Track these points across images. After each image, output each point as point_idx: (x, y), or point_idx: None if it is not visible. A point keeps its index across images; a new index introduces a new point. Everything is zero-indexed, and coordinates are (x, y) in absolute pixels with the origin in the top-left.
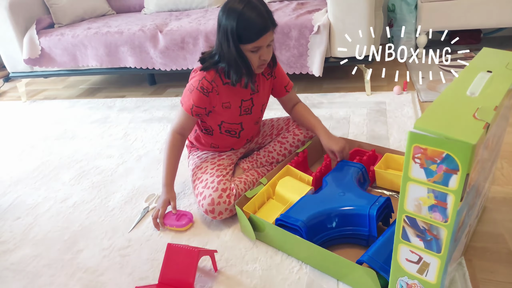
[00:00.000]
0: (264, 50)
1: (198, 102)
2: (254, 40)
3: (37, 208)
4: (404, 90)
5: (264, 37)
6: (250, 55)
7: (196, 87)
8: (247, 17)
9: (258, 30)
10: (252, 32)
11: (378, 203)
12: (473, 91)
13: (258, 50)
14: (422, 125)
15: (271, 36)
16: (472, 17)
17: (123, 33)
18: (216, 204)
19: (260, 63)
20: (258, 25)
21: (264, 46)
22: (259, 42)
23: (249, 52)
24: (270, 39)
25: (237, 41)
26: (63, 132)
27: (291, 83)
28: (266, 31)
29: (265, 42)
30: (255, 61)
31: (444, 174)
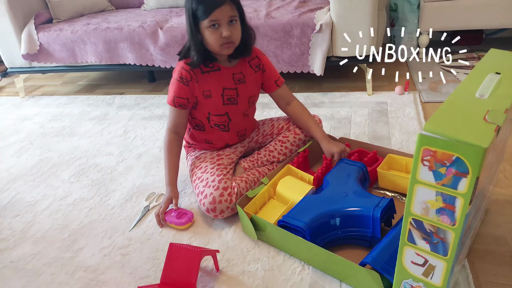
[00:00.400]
0: (225, 26)
1: (178, 92)
2: (209, 14)
3: (36, 206)
4: (406, 90)
5: (219, 10)
6: (209, 33)
7: (176, 78)
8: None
9: (211, 2)
10: (205, 5)
11: (382, 205)
12: (483, 93)
13: (217, 27)
14: (432, 128)
15: (230, 11)
16: (474, 17)
17: (123, 29)
18: (217, 203)
19: (222, 42)
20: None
21: (223, 23)
22: (214, 15)
23: (208, 30)
24: (229, 14)
25: (193, 19)
26: (62, 128)
27: (282, 79)
28: (220, 4)
29: (221, 16)
30: (215, 40)
31: (454, 177)
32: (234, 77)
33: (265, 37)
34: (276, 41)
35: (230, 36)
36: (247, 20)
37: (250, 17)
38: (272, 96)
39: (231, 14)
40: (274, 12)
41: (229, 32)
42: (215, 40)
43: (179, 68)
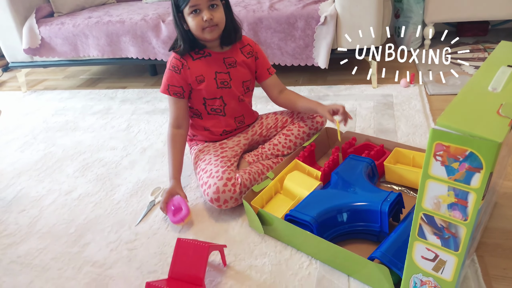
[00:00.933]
0: (205, 11)
1: (171, 80)
2: (188, 1)
3: (41, 201)
4: (411, 82)
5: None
6: (191, 18)
7: (168, 68)
8: None
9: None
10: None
11: (390, 199)
12: (495, 87)
13: (198, 12)
14: (445, 122)
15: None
16: (480, 8)
17: (125, 22)
18: (221, 192)
19: (204, 26)
20: None
21: (203, 7)
22: (193, 1)
23: (190, 16)
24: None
25: (176, 8)
26: (65, 123)
27: (273, 69)
28: None
29: (201, 1)
30: (197, 24)
31: (467, 172)
32: (225, 61)
33: (269, 29)
34: (279, 33)
35: (211, 19)
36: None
37: (254, 9)
38: (265, 85)
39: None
40: (277, 4)
41: (209, 15)
42: (197, 24)
43: (170, 58)
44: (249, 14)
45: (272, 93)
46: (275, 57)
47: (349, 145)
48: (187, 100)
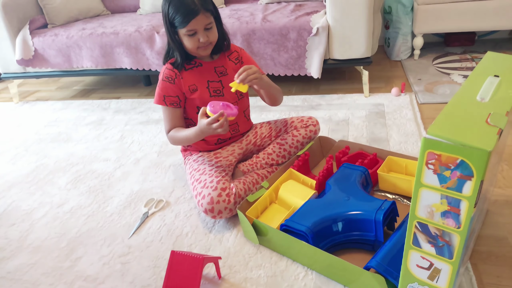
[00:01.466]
0: (201, 33)
1: (166, 91)
2: (185, 25)
3: (32, 214)
4: (402, 92)
5: (194, 21)
6: (187, 39)
7: (162, 79)
8: (175, 3)
9: (187, 15)
10: (181, 17)
11: (384, 208)
12: (483, 96)
13: (194, 34)
14: (436, 131)
15: (205, 19)
16: (467, 20)
17: (119, 34)
18: (215, 203)
19: (199, 46)
20: (186, 10)
21: (199, 30)
22: (191, 25)
23: (185, 36)
24: (205, 22)
25: (171, 26)
26: (58, 134)
27: (262, 70)
28: (195, 14)
29: (198, 26)
30: (193, 44)
31: (458, 180)
32: (216, 70)
33: (262, 40)
34: (272, 44)
35: (206, 41)
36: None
37: (247, 20)
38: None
39: (206, 22)
40: (270, 16)
41: (206, 38)
42: (193, 45)
43: (163, 69)
44: (243, 25)
45: (261, 95)
46: (268, 67)
47: (343, 154)
48: (183, 109)
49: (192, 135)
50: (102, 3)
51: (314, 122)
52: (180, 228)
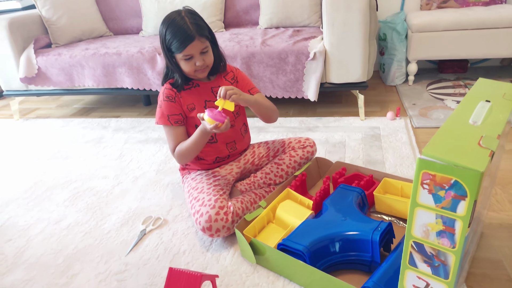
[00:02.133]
0: (198, 57)
1: (170, 110)
2: (182, 50)
3: (29, 230)
4: (397, 116)
5: (190, 47)
6: (184, 63)
7: (163, 99)
8: (172, 29)
9: (183, 41)
10: (178, 43)
11: (381, 229)
12: (475, 120)
13: (191, 58)
14: (430, 152)
15: (200, 45)
16: (459, 48)
17: (122, 54)
18: (213, 221)
19: (196, 69)
20: (182, 37)
21: (195, 54)
22: (187, 51)
23: (182, 60)
24: (200, 47)
25: (169, 51)
26: (57, 151)
27: (257, 89)
28: (191, 40)
29: (194, 51)
30: (190, 68)
31: (453, 200)
32: (213, 90)
33: (261, 63)
34: (271, 68)
35: (203, 64)
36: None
37: (247, 44)
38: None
39: (202, 47)
40: (269, 40)
41: (202, 62)
42: (190, 68)
43: (163, 89)
44: (243, 49)
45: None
46: (267, 89)
47: (340, 175)
48: (185, 127)
49: (198, 136)
50: (105, 25)
51: (311, 143)
52: (178, 246)
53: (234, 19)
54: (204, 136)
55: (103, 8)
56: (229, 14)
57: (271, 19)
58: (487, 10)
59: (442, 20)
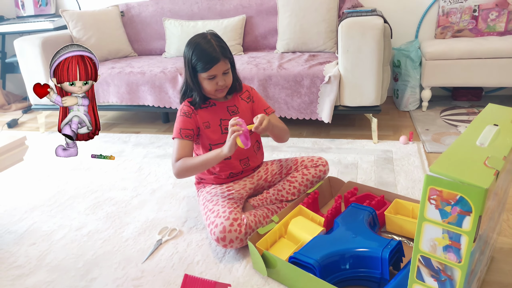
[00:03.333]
0: (220, 77)
1: (184, 124)
2: (207, 70)
3: (52, 235)
4: (410, 140)
5: (215, 67)
6: (207, 82)
7: (180, 115)
8: (199, 51)
9: (208, 61)
10: (203, 63)
11: (391, 246)
12: (482, 142)
13: (214, 78)
14: (438, 169)
15: (224, 66)
16: (473, 76)
17: (145, 73)
18: (227, 232)
19: (217, 88)
20: (208, 58)
21: (219, 75)
22: (212, 71)
23: (205, 80)
24: (224, 68)
25: (193, 70)
26: (79, 163)
27: (272, 109)
28: (216, 62)
29: (218, 71)
30: (212, 87)
31: (458, 216)
32: (229, 109)
33: (277, 85)
34: (287, 90)
35: (224, 85)
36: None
37: (264, 67)
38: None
39: (225, 68)
40: (286, 64)
41: (223, 82)
42: (211, 87)
43: (181, 106)
44: (260, 71)
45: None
46: (282, 110)
47: (351, 194)
48: (193, 143)
49: (212, 157)
50: (131, 46)
51: (324, 163)
52: (192, 256)
53: (253, 43)
54: (218, 159)
55: (130, 30)
56: (248, 39)
57: (288, 44)
58: (501, 40)
59: (456, 48)
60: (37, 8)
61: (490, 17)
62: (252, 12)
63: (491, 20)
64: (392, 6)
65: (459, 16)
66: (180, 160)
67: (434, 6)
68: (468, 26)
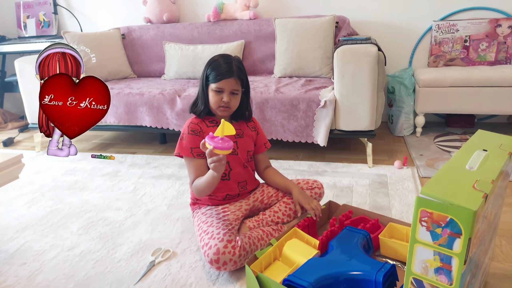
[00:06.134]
0: (227, 94)
1: (194, 143)
2: (217, 81)
3: (43, 255)
4: (405, 165)
5: (225, 81)
6: (213, 94)
7: (188, 132)
8: (216, 62)
9: (221, 73)
10: (216, 73)
11: (384, 269)
12: (472, 166)
13: (221, 92)
14: (428, 191)
15: (234, 84)
16: (466, 103)
17: (144, 95)
18: (221, 254)
19: (220, 105)
20: (222, 70)
21: (226, 91)
22: (221, 84)
23: (212, 91)
24: (233, 87)
25: (205, 80)
26: (74, 183)
27: (269, 144)
28: (228, 76)
29: (226, 86)
30: (216, 101)
31: (449, 238)
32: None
33: (274, 109)
34: (283, 113)
35: (228, 103)
36: (252, 94)
37: (262, 91)
38: (257, 158)
39: (234, 87)
40: (283, 88)
41: (228, 99)
42: (215, 101)
43: (188, 123)
44: (257, 95)
45: (260, 167)
46: (278, 133)
47: (346, 217)
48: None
49: (209, 177)
50: (131, 68)
51: (319, 185)
52: (185, 278)
53: (251, 67)
54: (214, 178)
55: (130, 52)
56: (246, 63)
57: (285, 69)
58: (491, 70)
59: (448, 76)
60: (39, 30)
61: (481, 47)
62: (250, 37)
63: (482, 50)
64: (387, 35)
65: (451, 45)
66: (195, 180)
67: (427, 36)
68: (460, 55)
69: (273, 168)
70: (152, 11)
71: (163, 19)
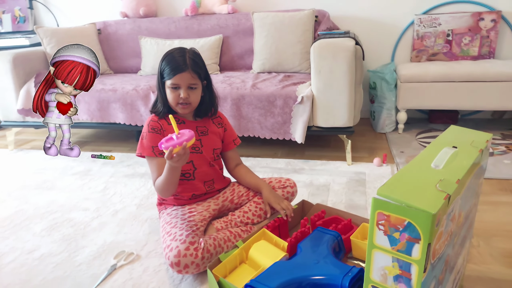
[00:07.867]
0: (184, 90)
1: (155, 142)
2: (171, 77)
3: (1, 259)
4: (384, 162)
5: (179, 76)
6: (170, 91)
7: (148, 131)
8: (170, 56)
9: (174, 68)
10: (169, 69)
11: (352, 273)
12: (437, 164)
13: (177, 88)
14: (385, 192)
15: (190, 79)
16: (447, 99)
17: (117, 91)
18: (182, 256)
19: (179, 101)
20: (175, 64)
21: (183, 86)
22: (175, 79)
23: (169, 88)
24: (190, 81)
25: (161, 77)
26: (42, 182)
27: (239, 140)
28: (182, 70)
29: (182, 81)
30: (174, 98)
31: (407, 243)
32: (198, 129)
33: (250, 105)
34: (260, 110)
35: (186, 99)
36: (228, 90)
37: (238, 87)
38: (226, 155)
39: (191, 81)
40: (260, 84)
41: (186, 95)
42: (173, 99)
43: (148, 121)
44: (233, 91)
45: (230, 165)
46: (255, 130)
47: (318, 218)
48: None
49: (168, 172)
50: (106, 63)
51: (291, 184)
52: (146, 283)
53: (229, 63)
54: (173, 172)
55: (106, 47)
56: (224, 58)
57: (264, 65)
58: (474, 64)
59: (430, 71)
60: (14, 25)
61: (464, 41)
62: (229, 32)
63: (465, 45)
64: (369, 29)
65: (433, 40)
66: (157, 179)
67: (409, 30)
68: (442, 50)
69: (244, 166)
70: (129, 5)
71: (139, 14)
